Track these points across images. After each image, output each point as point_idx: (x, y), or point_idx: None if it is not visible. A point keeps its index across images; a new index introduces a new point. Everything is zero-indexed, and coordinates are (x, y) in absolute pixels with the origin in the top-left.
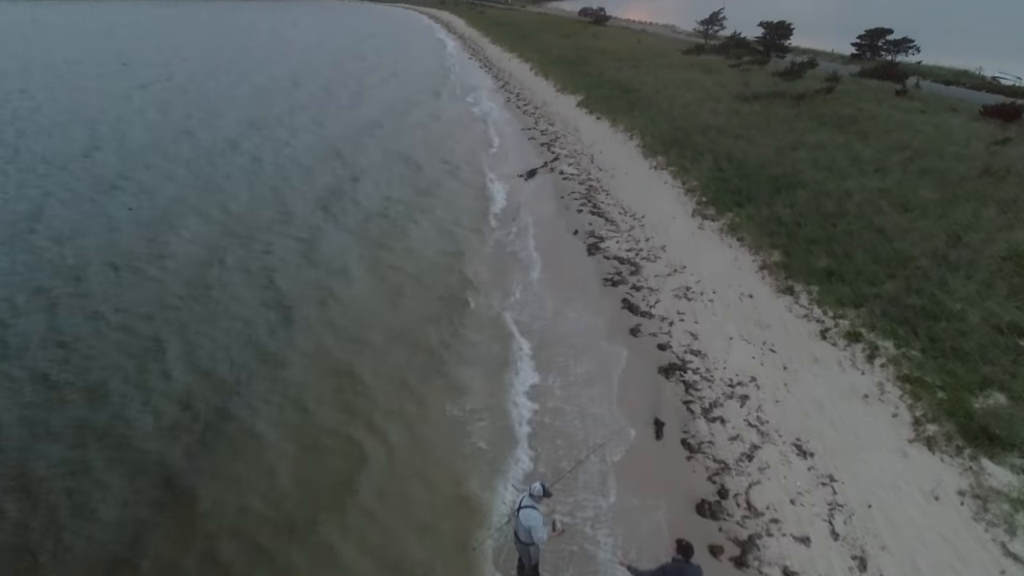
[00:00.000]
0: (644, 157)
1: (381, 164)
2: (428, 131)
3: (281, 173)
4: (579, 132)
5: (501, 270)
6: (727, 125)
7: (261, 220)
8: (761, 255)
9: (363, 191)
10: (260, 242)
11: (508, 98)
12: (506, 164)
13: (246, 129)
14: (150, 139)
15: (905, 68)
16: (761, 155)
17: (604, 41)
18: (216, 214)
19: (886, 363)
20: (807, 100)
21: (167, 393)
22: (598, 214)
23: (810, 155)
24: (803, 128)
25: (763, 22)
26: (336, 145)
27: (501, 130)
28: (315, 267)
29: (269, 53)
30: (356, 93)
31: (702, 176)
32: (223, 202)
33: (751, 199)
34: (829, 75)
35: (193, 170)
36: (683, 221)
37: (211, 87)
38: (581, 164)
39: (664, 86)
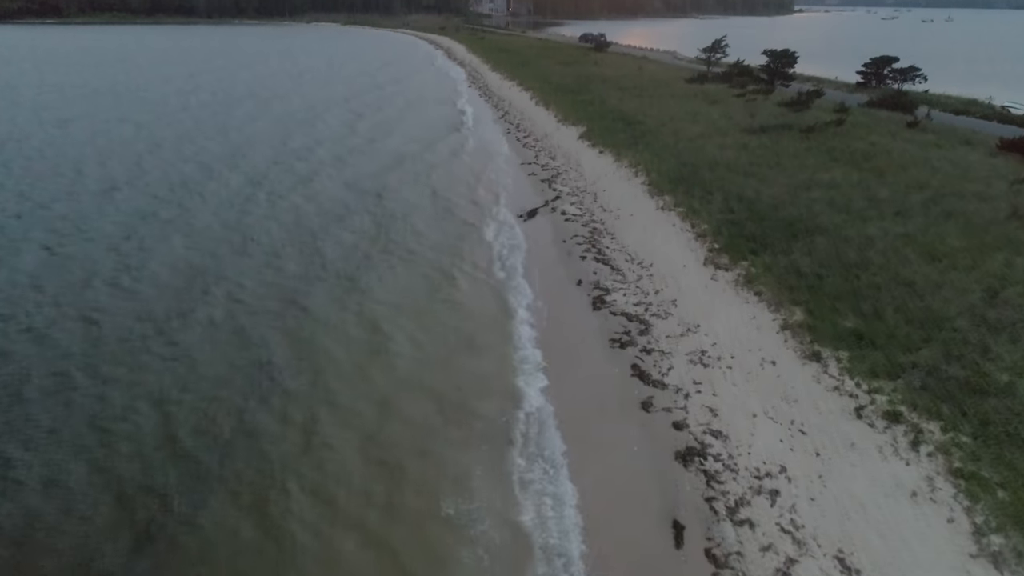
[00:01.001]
0: (650, 196)
1: (399, 207)
2: (429, 167)
3: (303, 215)
4: (581, 167)
5: (502, 334)
6: (736, 161)
7: (291, 272)
8: (782, 313)
9: (385, 239)
10: (292, 301)
11: (508, 129)
12: (506, 202)
13: (267, 167)
14: (166, 180)
15: (913, 97)
16: (774, 195)
17: (605, 68)
18: (244, 269)
19: (934, 452)
20: (817, 133)
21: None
22: (603, 261)
23: (825, 195)
24: (815, 164)
25: (767, 50)
26: (357, 186)
27: (500, 165)
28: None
29: (281, 81)
30: (373, 127)
31: (712, 219)
32: (250, 253)
33: (767, 246)
34: (837, 105)
35: (215, 214)
36: (694, 271)
37: (226, 119)
38: (584, 203)
39: (669, 117)
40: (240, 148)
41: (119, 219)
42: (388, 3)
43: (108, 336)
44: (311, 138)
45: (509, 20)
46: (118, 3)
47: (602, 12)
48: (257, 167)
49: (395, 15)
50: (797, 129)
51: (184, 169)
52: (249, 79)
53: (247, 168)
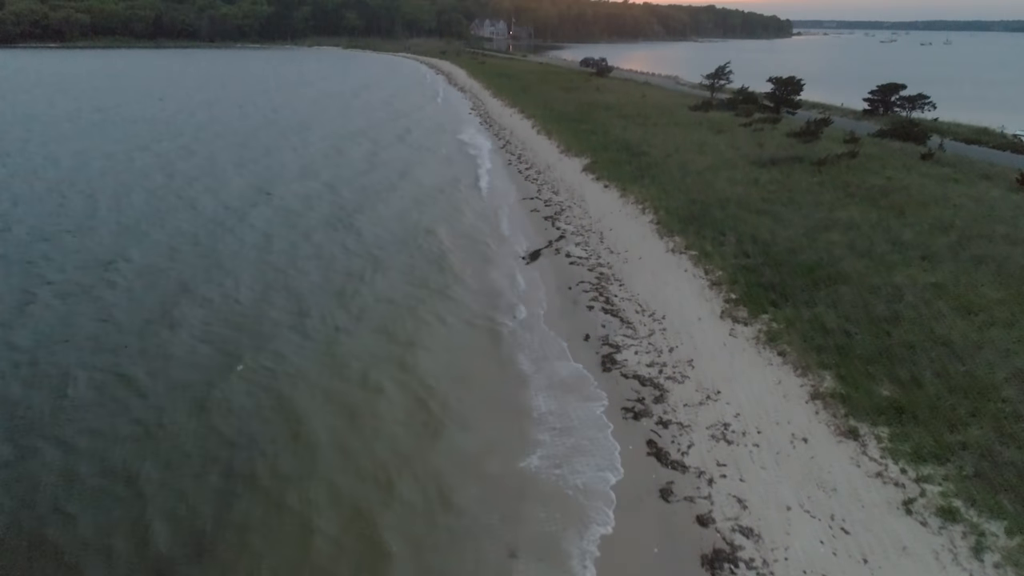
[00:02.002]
0: (659, 237)
1: (386, 245)
2: (430, 202)
3: (291, 252)
4: (585, 203)
5: (508, 393)
6: (747, 197)
7: (271, 313)
8: (810, 378)
9: (370, 280)
10: (270, 343)
11: (509, 160)
12: (507, 242)
13: (255, 196)
14: (151, 209)
15: (924, 126)
16: (790, 237)
17: (608, 95)
18: (221, 306)
19: (1001, 562)
20: (829, 166)
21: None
22: (612, 312)
23: (845, 237)
24: (831, 201)
25: (772, 78)
26: (349, 218)
27: (502, 201)
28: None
29: (280, 110)
30: (366, 156)
31: (727, 264)
32: (231, 290)
33: (787, 297)
34: (847, 135)
35: (197, 248)
36: (710, 324)
37: (219, 146)
38: (590, 244)
39: (675, 148)
40: (264, 180)
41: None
42: (390, 27)
43: (85, 397)
44: (319, 167)
45: (510, 44)
46: (120, 27)
47: (602, 36)
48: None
49: (396, 39)
50: (808, 161)
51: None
52: (267, 109)
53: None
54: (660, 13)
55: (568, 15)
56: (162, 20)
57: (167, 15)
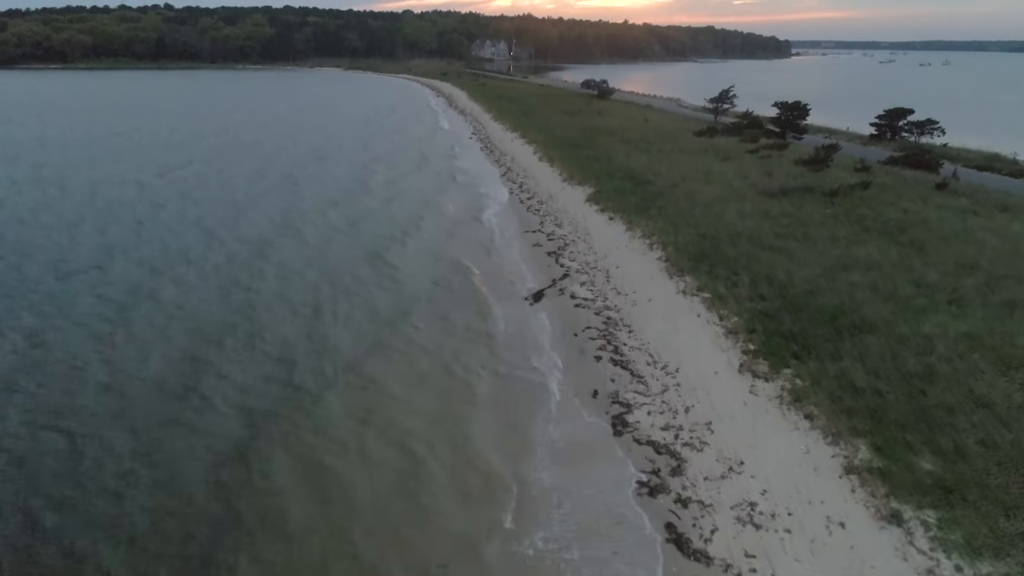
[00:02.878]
0: (668, 276)
1: (384, 284)
2: (430, 235)
3: (312, 290)
4: (590, 236)
5: (511, 460)
6: (759, 232)
7: (298, 364)
8: (842, 447)
9: (379, 327)
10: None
11: (511, 189)
12: (509, 280)
13: (274, 231)
14: (166, 245)
15: (934, 152)
16: (807, 277)
17: (610, 119)
18: (248, 362)
19: None
20: (842, 197)
21: None
22: (621, 364)
23: (865, 277)
24: (847, 237)
25: (778, 102)
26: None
27: (503, 234)
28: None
29: (289, 133)
30: (377, 186)
31: (742, 308)
32: (253, 340)
33: (810, 348)
34: (857, 162)
35: (216, 288)
36: (728, 380)
37: (234, 174)
38: (596, 284)
39: (681, 177)
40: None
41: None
42: (391, 48)
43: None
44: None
45: (511, 65)
46: (122, 49)
47: (603, 57)
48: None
49: (398, 60)
50: (820, 192)
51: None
52: (272, 137)
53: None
54: (660, 34)
55: (568, 36)
56: (164, 41)
57: (169, 36)
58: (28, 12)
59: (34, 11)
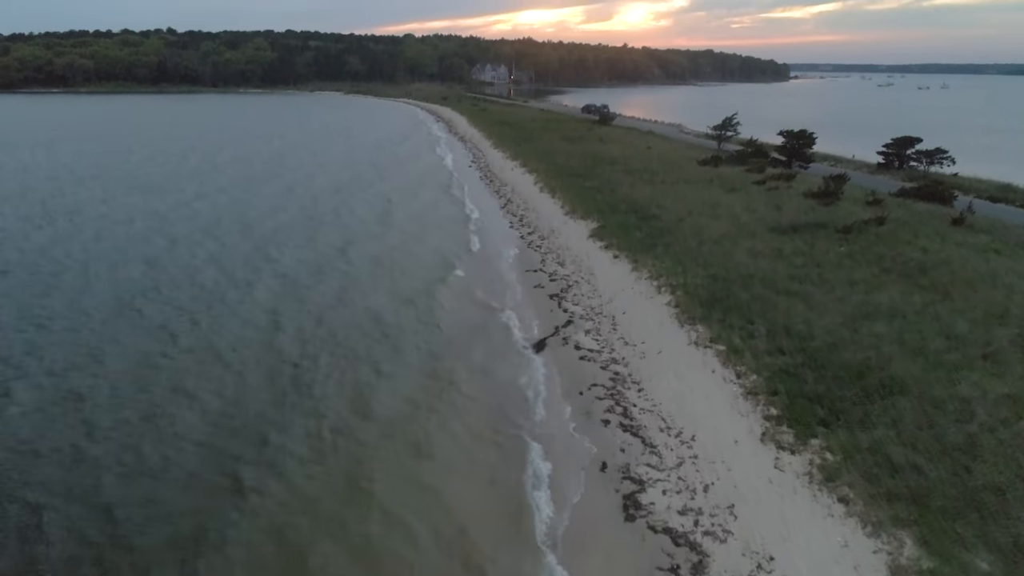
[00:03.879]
0: (679, 324)
1: (370, 330)
2: (426, 273)
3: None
4: (594, 277)
5: (508, 542)
6: (772, 273)
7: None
8: (884, 540)
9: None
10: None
11: (511, 223)
12: (509, 327)
13: (297, 270)
14: (175, 300)
15: (946, 183)
16: (828, 327)
17: (612, 146)
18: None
19: None
20: (856, 234)
21: None
22: (631, 431)
23: (890, 327)
24: (865, 279)
25: (783, 131)
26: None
27: (503, 274)
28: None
29: (297, 161)
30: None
31: (760, 364)
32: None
33: (838, 414)
34: (868, 194)
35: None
36: (750, 451)
37: (237, 212)
38: (601, 331)
39: (687, 211)
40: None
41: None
42: (391, 72)
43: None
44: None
45: (511, 88)
46: (123, 73)
47: (603, 80)
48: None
49: (398, 83)
50: (833, 228)
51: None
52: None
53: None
54: (659, 57)
55: (569, 60)
56: (165, 65)
57: (170, 60)
58: (32, 36)
59: (38, 35)
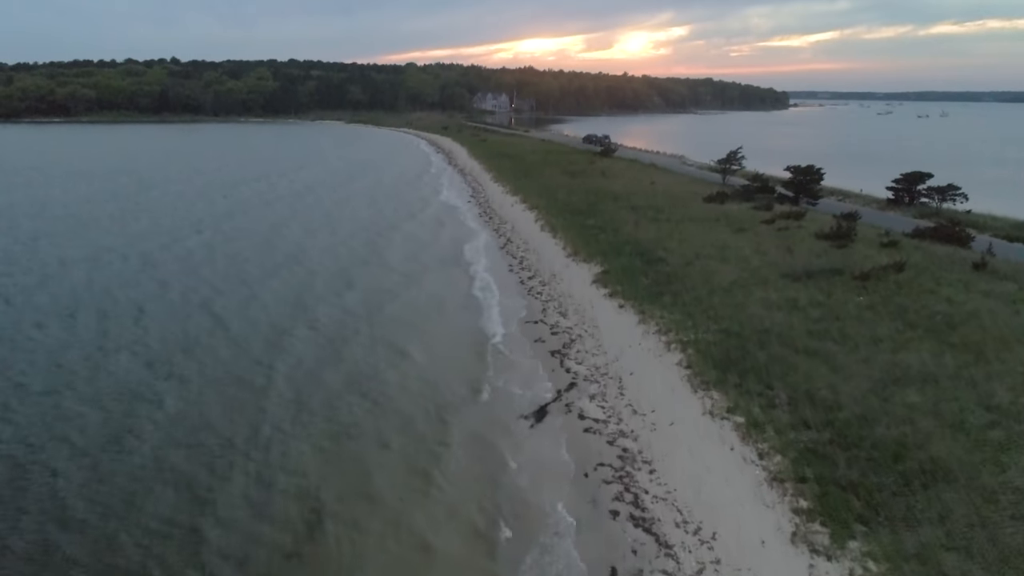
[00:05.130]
0: (692, 389)
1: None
2: (418, 318)
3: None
4: (599, 330)
5: None
6: (789, 328)
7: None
8: None
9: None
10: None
11: (510, 265)
12: (508, 390)
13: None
14: (169, 337)
15: (959, 219)
16: (855, 395)
17: (614, 181)
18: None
19: None
20: (874, 281)
21: None
22: (644, 526)
23: (924, 396)
24: (890, 336)
25: (791, 166)
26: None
27: (500, 326)
28: None
29: (302, 196)
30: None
31: (784, 441)
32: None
33: (877, 507)
34: (882, 234)
35: (217, 390)
36: (781, 554)
37: (245, 246)
38: (607, 397)
39: (695, 254)
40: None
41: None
42: (393, 101)
43: None
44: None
45: (512, 117)
46: (125, 102)
47: (603, 108)
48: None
49: (400, 112)
50: (849, 274)
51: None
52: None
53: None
54: (659, 86)
55: (569, 88)
56: (167, 95)
57: (172, 90)
58: (36, 66)
59: (42, 64)
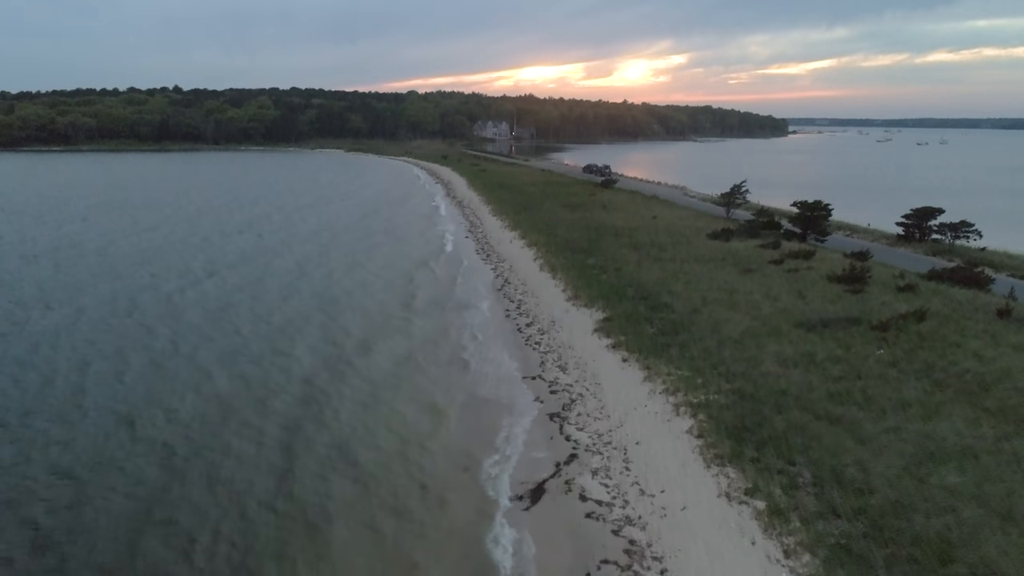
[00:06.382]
0: (704, 463)
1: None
2: (405, 376)
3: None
4: (601, 389)
5: None
6: (807, 389)
7: None
8: None
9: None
10: None
11: (507, 310)
12: (499, 462)
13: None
14: (193, 402)
15: (973, 257)
16: (888, 475)
17: (615, 214)
18: None
19: None
20: (894, 332)
21: None
22: None
23: (964, 476)
24: (919, 399)
25: (797, 202)
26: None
27: (495, 384)
28: None
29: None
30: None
31: (812, 534)
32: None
33: None
34: (897, 276)
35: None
36: None
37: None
38: (612, 472)
39: (701, 298)
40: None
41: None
42: (393, 129)
43: None
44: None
45: (512, 145)
46: (125, 131)
47: (603, 136)
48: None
49: (400, 141)
50: (867, 324)
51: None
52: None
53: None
54: (659, 114)
55: (570, 116)
56: (168, 124)
57: (173, 118)
58: (39, 94)
59: (45, 93)
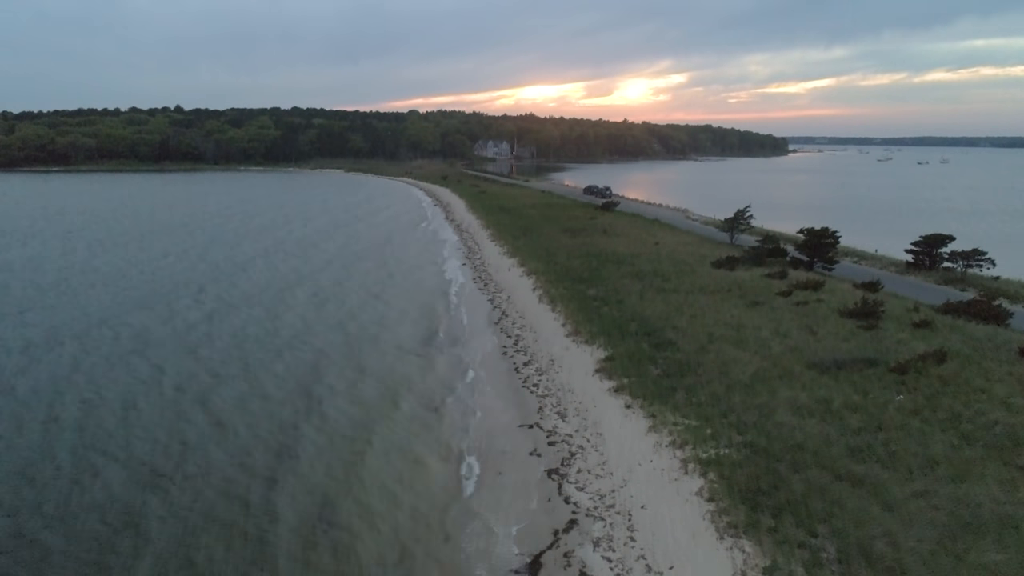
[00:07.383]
0: (717, 534)
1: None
2: (399, 422)
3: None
4: (603, 439)
5: None
6: (825, 443)
7: None
8: None
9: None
10: None
11: (504, 348)
12: (492, 528)
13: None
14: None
15: (987, 286)
16: (921, 551)
17: (617, 240)
18: None
19: None
20: (914, 375)
21: None
22: None
23: (1006, 553)
24: (946, 456)
25: (804, 229)
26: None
27: (489, 434)
28: None
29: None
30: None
31: None
32: None
33: None
34: (911, 309)
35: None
36: None
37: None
38: (615, 542)
39: (707, 335)
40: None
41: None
42: (394, 149)
43: None
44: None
45: (513, 165)
46: (125, 151)
47: (603, 156)
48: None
49: (400, 160)
50: (884, 366)
51: None
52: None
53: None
54: (659, 133)
55: (570, 136)
56: (168, 144)
57: (174, 139)
58: (40, 114)
59: (46, 113)
